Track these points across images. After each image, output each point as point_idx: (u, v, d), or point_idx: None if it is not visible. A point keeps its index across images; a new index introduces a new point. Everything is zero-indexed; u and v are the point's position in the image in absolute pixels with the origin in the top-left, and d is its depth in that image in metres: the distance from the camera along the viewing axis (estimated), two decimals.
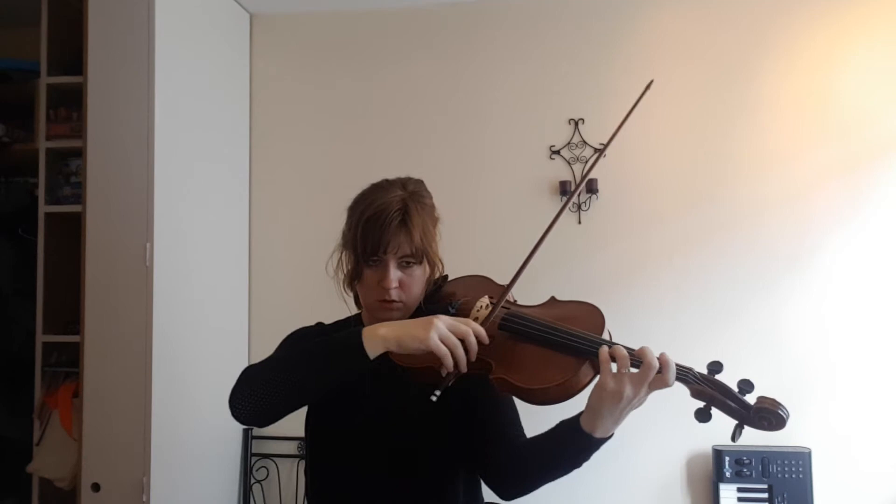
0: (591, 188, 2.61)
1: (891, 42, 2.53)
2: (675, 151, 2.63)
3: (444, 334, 1.11)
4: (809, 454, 2.37)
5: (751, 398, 1.15)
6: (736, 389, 1.15)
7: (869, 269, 2.50)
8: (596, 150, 2.65)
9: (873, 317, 2.48)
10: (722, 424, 1.20)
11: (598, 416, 1.13)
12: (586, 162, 2.65)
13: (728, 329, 2.54)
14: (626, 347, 1.15)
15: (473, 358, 1.14)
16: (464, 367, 1.13)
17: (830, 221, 2.53)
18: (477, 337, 1.14)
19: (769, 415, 1.12)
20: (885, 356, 2.47)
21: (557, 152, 2.68)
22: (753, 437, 1.25)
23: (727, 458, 2.39)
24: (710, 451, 2.46)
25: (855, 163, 2.52)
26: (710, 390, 1.14)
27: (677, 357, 1.16)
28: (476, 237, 2.66)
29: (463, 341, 1.13)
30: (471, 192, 2.70)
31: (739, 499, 2.39)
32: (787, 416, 1.11)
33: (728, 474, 2.39)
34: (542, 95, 2.71)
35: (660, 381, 1.12)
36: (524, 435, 1.35)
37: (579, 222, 2.64)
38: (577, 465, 1.21)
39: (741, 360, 2.47)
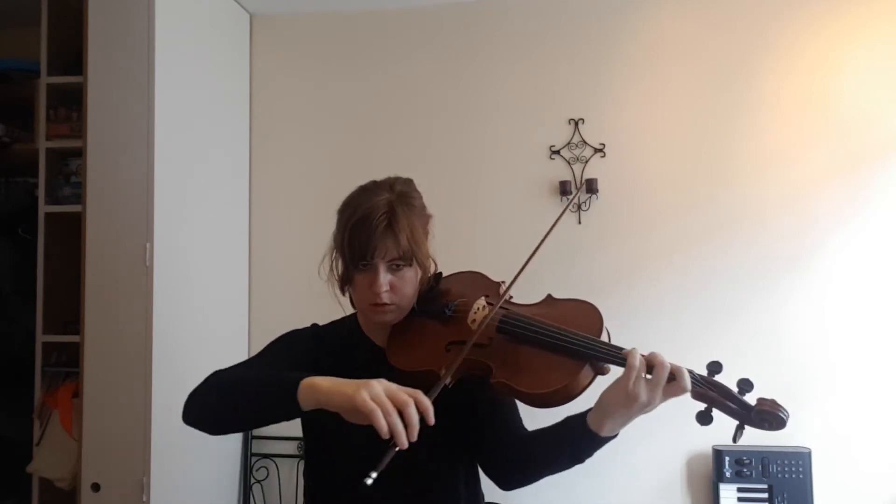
0: (591, 188, 2.61)
1: (891, 42, 2.53)
2: (676, 151, 2.63)
3: (375, 394, 1.00)
4: (809, 454, 2.37)
5: (750, 398, 1.15)
6: (735, 390, 1.15)
7: (869, 269, 2.49)
8: (596, 150, 2.65)
9: (873, 317, 2.48)
10: (722, 425, 1.21)
11: (608, 416, 1.15)
12: (586, 162, 2.65)
13: (728, 329, 2.54)
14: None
15: (414, 436, 1.00)
16: (403, 442, 0.98)
17: (830, 221, 2.52)
18: (422, 413, 1.01)
19: (769, 416, 1.12)
20: (885, 356, 2.47)
21: (557, 152, 2.68)
22: (753, 438, 1.26)
23: (727, 458, 2.39)
24: (710, 451, 2.46)
25: (855, 163, 2.52)
26: (710, 392, 1.14)
27: (677, 358, 1.16)
28: (476, 237, 2.66)
29: (402, 412, 1.00)
30: (471, 192, 2.70)
31: (739, 499, 2.39)
32: (787, 417, 1.12)
33: (728, 474, 2.39)
34: (542, 95, 2.71)
35: (675, 388, 1.13)
36: (524, 426, 1.36)
37: (579, 222, 2.63)
38: (580, 461, 1.22)
39: (741, 360, 2.48)
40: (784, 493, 2.35)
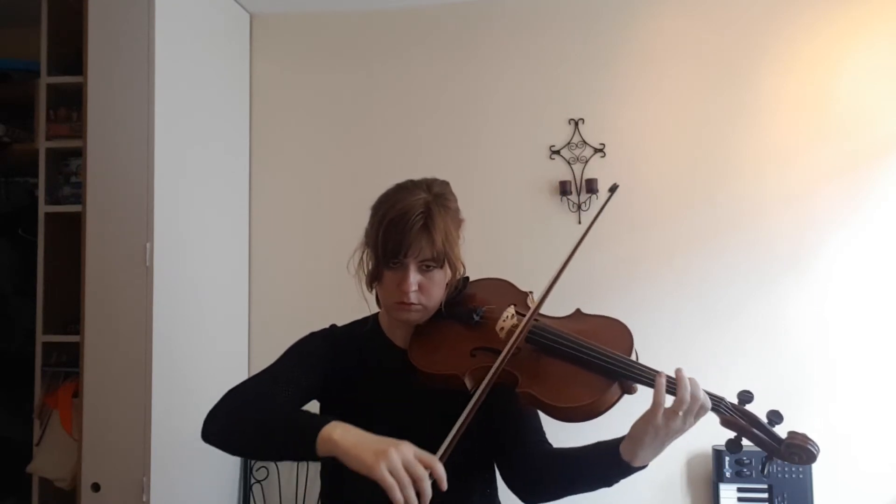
0: (591, 188, 2.61)
1: (891, 42, 2.53)
2: (675, 151, 2.63)
3: (394, 468, 0.99)
4: None
5: (780, 429, 1.15)
6: (765, 420, 1.15)
7: (869, 268, 2.50)
8: (596, 150, 2.65)
9: (873, 316, 2.48)
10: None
11: (641, 446, 1.15)
12: (586, 162, 2.65)
13: (728, 329, 2.54)
14: (667, 376, 1.15)
15: None
16: None
17: (830, 221, 2.52)
18: (436, 481, 1.02)
19: (799, 450, 1.12)
20: (886, 356, 2.47)
21: (557, 152, 2.68)
22: None
23: (727, 458, 2.39)
24: (710, 451, 2.46)
25: (855, 163, 2.52)
26: (740, 421, 1.15)
27: (677, 359, 1.16)
28: (475, 237, 2.63)
29: (417, 484, 1.00)
30: (470, 192, 2.65)
31: (739, 499, 2.39)
32: (818, 452, 1.12)
33: (728, 474, 2.39)
34: (542, 95, 2.71)
35: (703, 411, 1.14)
36: (548, 442, 1.35)
37: (579, 222, 2.63)
38: (609, 485, 1.23)
39: (741, 360, 2.48)
40: (784, 493, 2.35)
